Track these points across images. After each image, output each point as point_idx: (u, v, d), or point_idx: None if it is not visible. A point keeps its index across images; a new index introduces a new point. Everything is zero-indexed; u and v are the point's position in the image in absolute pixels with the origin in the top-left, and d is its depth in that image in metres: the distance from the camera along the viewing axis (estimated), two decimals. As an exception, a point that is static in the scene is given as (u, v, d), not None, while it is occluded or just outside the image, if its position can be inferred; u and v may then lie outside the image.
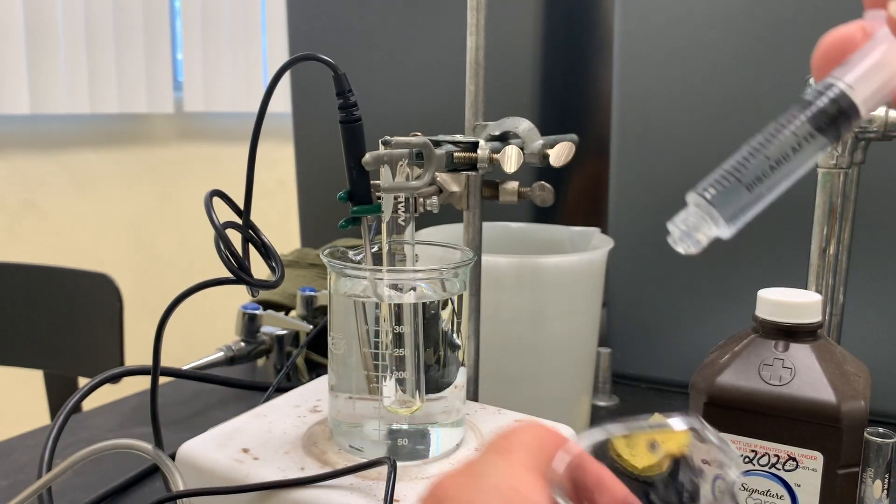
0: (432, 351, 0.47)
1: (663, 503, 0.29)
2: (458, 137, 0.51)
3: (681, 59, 0.77)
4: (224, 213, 0.43)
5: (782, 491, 0.44)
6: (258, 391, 0.81)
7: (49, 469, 0.51)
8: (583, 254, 0.61)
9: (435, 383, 0.47)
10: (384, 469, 0.42)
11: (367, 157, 0.44)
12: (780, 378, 0.44)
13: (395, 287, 0.45)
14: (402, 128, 0.51)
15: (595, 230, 0.68)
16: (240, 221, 0.44)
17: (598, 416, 0.76)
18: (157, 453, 0.45)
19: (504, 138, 0.54)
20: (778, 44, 0.73)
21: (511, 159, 0.49)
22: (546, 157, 0.51)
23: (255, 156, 0.43)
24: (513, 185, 0.56)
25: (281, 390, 0.73)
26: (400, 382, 0.46)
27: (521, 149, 0.51)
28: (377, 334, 0.45)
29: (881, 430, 0.46)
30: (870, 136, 0.56)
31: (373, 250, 0.47)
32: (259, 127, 0.43)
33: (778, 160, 0.30)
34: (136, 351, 1.20)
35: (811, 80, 0.56)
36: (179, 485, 0.44)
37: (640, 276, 0.83)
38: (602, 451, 0.28)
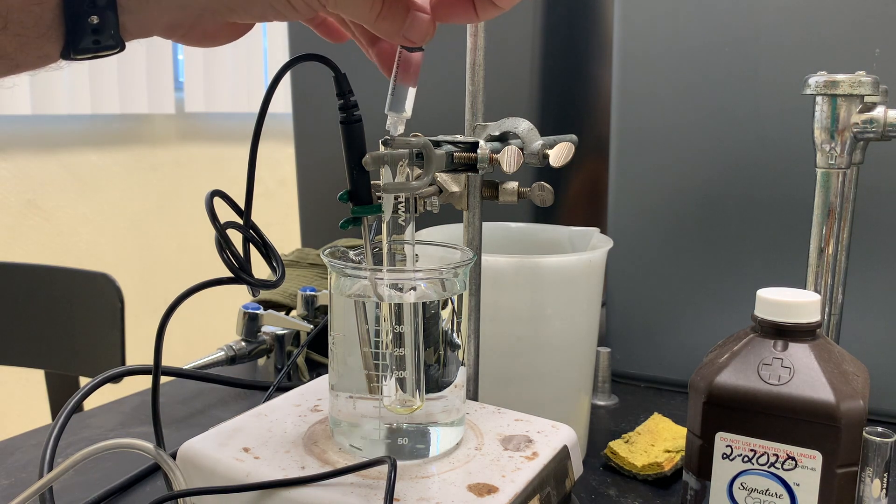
0: (432, 350, 0.47)
1: None
2: (458, 138, 0.52)
3: (680, 59, 0.78)
4: (225, 213, 0.43)
5: (781, 490, 0.44)
6: (259, 390, 0.81)
7: (50, 468, 0.51)
8: (582, 254, 0.61)
9: (435, 383, 0.47)
10: (384, 468, 0.43)
11: (368, 157, 0.44)
12: (779, 377, 0.45)
13: (395, 287, 0.46)
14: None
15: (594, 230, 0.68)
16: (241, 221, 0.44)
17: (597, 416, 0.76)
18: (158, 452, 0.45)
19: (504, 139, 0.54)
20: (776, 44, 0.73)
21: (511, 160, 0.49)
22: (546, 157, 0.51)
23: (256, 156, 0.43)
24: (512, 185, 0.56)
25: (282, 390, 0.73)
26: (400, 382, 0.46)
27: (521, 149, 0.51)
28: (377, 334, 0.45)
29: (880, 429, 0.46)
30: (868, 137, 0.56)
31: (373, 250, 0.47)
32: (260, 127, 0.43)
33: None
34: (137, 350, 1.21)
35: (809, 80, 0.56)
36: (181, 484, 0.44)
37: (639, 276, 0.83)
38: None
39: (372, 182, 0.46)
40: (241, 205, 0.44)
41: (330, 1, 0.37)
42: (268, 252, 0.45)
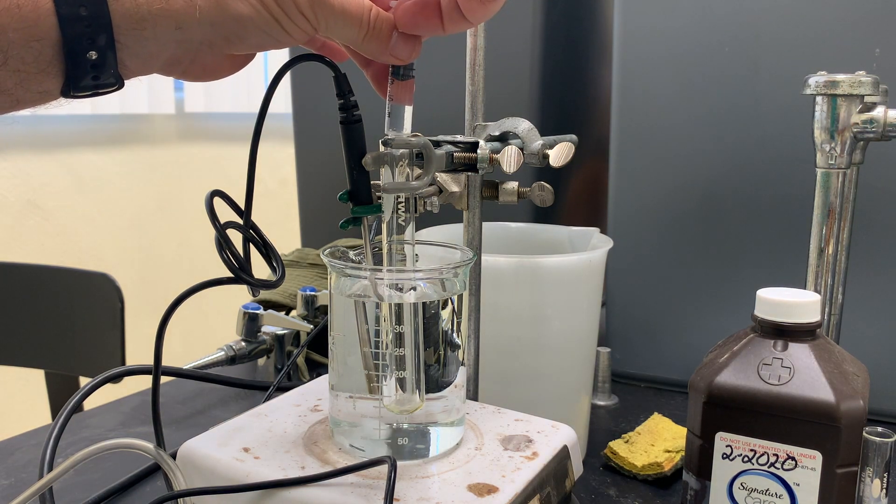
0: (432, 350, 0.47)
1: None
2: (458, 138, 0.52)
3: (680, 59, 0.78)
4: (225, 213, 0.43)
5: (781, 490, 0.44)
6: (259, 390, 0.81)
7: (51, 468, 0.51)
8: (582, 254, 0.61)
9: (435, 383, 0.47)
10: (384, 468, 0.43)
11: (368, 157, 0.44)
12: (779, 377, 0.45)
13: (395, 287, 0.46)
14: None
15: (594, 230, 0.68)
16: (241, 221, 0.44)
17: (597, 416, 0.76)
18: (158, 452, 0.45)
19: (504, 138, 0.54)
20: (776, 44, 0.73)
21: (511, 159, 0.49)
22: (546, 157, 0.51)
23: (256, 156, 0.43)
24: (512, 185, 0.56)
25: (282, 390, 0.73)
26: (400, 382, 0.46)
27: (521, 149, 0.51)
28: (377, 334, 0.45)
29: (880, 429, 0.46)
30: (868, 137, 0.56)
31: (373, 250, 0.47)
32: (260, 127, 0.43)
33: None
34: (137, 350, 1.21)
35: (809, 80, 0.56)
36: (181, 484, 0.44)
37: (639, 276, 0.83)
38: None
39: (372, 182, 0.46)
40: (241, 205, 0.44)
41: (321, 25, 0.38)
42: (268, 252, 0.45)
